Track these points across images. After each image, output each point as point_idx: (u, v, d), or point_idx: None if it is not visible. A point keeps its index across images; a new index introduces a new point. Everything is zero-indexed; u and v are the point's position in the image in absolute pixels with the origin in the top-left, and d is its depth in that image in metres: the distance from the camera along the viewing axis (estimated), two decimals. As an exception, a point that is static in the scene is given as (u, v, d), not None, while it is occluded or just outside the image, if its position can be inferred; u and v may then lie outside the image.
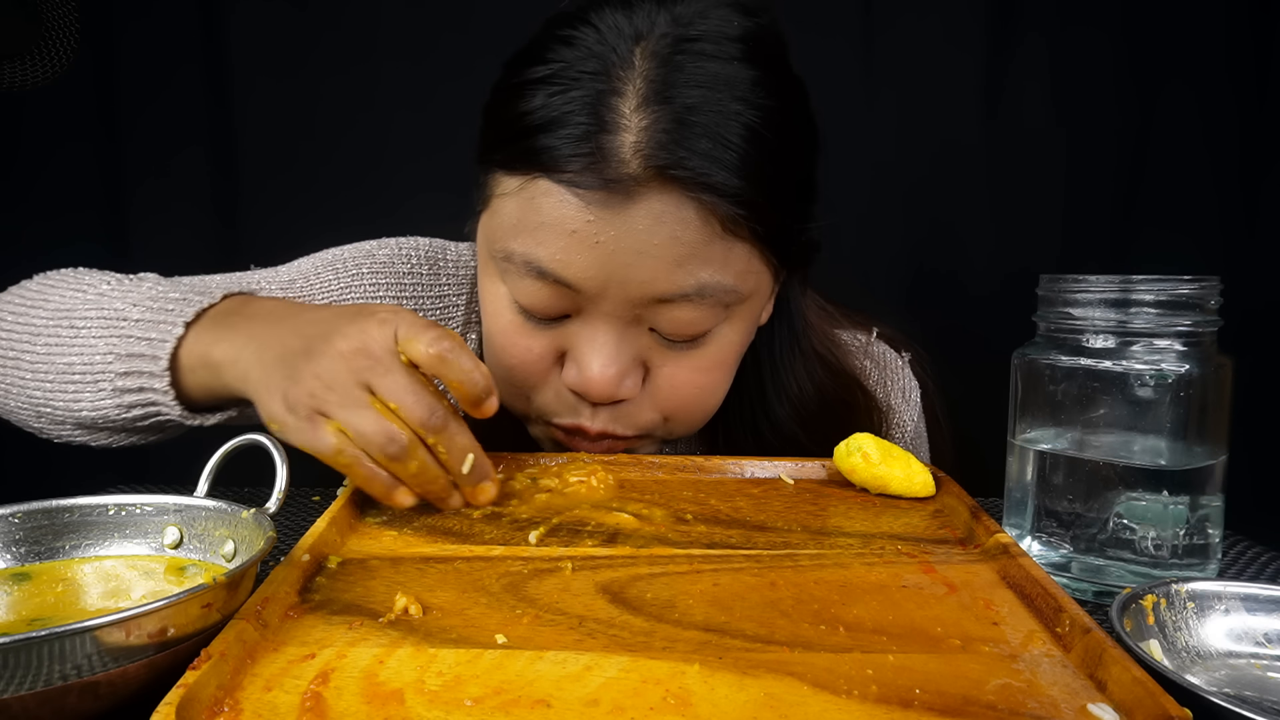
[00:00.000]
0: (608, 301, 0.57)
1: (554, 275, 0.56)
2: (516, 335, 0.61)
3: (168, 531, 0.52)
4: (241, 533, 0.50)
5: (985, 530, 0.55)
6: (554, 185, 0.55)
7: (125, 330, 0.61)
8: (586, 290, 0.57)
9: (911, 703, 0.37)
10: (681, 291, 0.56)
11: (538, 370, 0.62)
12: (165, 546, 0.52)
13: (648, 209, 0.54)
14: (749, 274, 0.59)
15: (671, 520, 0.59)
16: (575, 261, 0.56)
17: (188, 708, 0.34)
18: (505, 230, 0.59)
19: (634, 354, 0.59)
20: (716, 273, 0.56)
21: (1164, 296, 0.57)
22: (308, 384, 0.52)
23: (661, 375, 0.61)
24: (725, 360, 0.62)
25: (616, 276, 0.55)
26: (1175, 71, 1.21)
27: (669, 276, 0.55)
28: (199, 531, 0.52)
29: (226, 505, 0.51)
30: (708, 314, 0.58)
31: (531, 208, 0.56)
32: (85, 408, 0.63)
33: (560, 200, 0.55)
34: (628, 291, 0.56)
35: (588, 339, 0.59)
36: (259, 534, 0.48)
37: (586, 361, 0.59)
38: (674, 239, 0.55)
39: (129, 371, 0.60)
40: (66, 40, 1.25)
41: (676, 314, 0.57)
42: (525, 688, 0.37)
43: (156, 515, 0.52)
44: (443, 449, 0.53)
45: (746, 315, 0.62)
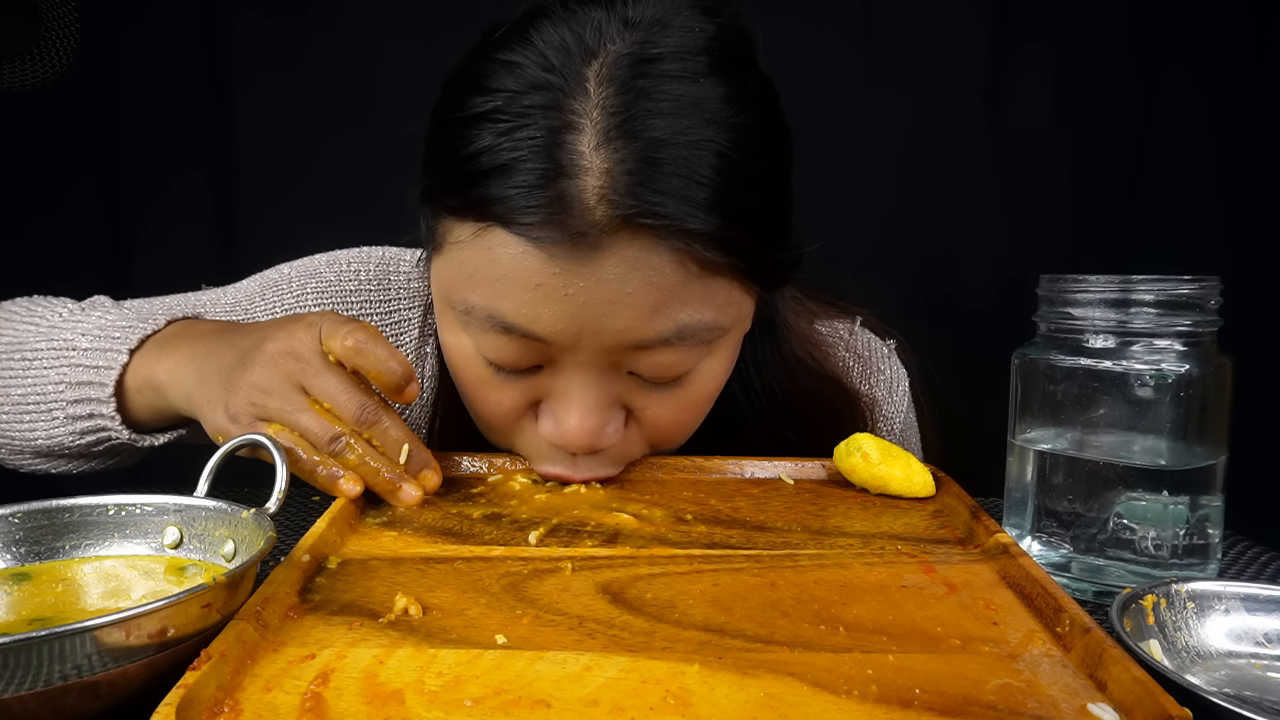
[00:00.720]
0: (582, 352, 0.53)
1: (521, 330, 0.52)
2: (485, 389, 0.58)
3: (168, 531, 0.52)
4: (241, 533, 0.50)
5: (985, 530, 0.55)
6: (512, 237, 0.49)
7: (74, 360, 0.63)
8: (558, 343, 0.52)
9: (911, 703, 0.37)
10: (661, 337, 0.52)
11: (511, 422, 0.60)
12: (165, 546, 0.52)
13: (618, 258, 0.49)
14: (729, 306, 0.55)
15: (671, 520, 0.59)
16: (543, 315, 0.51)
17: (188, 708, 0.34)
18: (462, 282, 0.53)
19: (613, 399, 0.56)
20: (696, 312, 0.52)
21: (1164, 296, 0.57)
22: (245, 393, 0.55)
23: (646, 416, 0.58)
24: (710, 392, 0.60)
25: (590, 328, 0.51)
26: (1175, 71, 1.21)
27: (647, 324, 0.51)
28: (199, 531, 0.52)
29: (226, 505, 0.51)
30: (689, 354, 0.54)
31: (490, 259, 0.51)
32: (40, 437, 0.65)
33: (520, 252, 0.49)
34: (602, 341, 0.52)
35: (562, 391, 0.55)
36: (259, 534, 0.48)
37: (563, 415, 0.55)
38: (649, 285, 0.50)
39: (79, 399, 0.63)
40: (66, 40, 1.25)
41: (656, 359, 0.53)
42: (525, 688, 0.37)
43: (156, 515, 0.52)
44: (378, 443, 0.56)
45: (729, 345, 0.59)
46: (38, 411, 0.64)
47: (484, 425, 0.62)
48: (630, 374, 0.56)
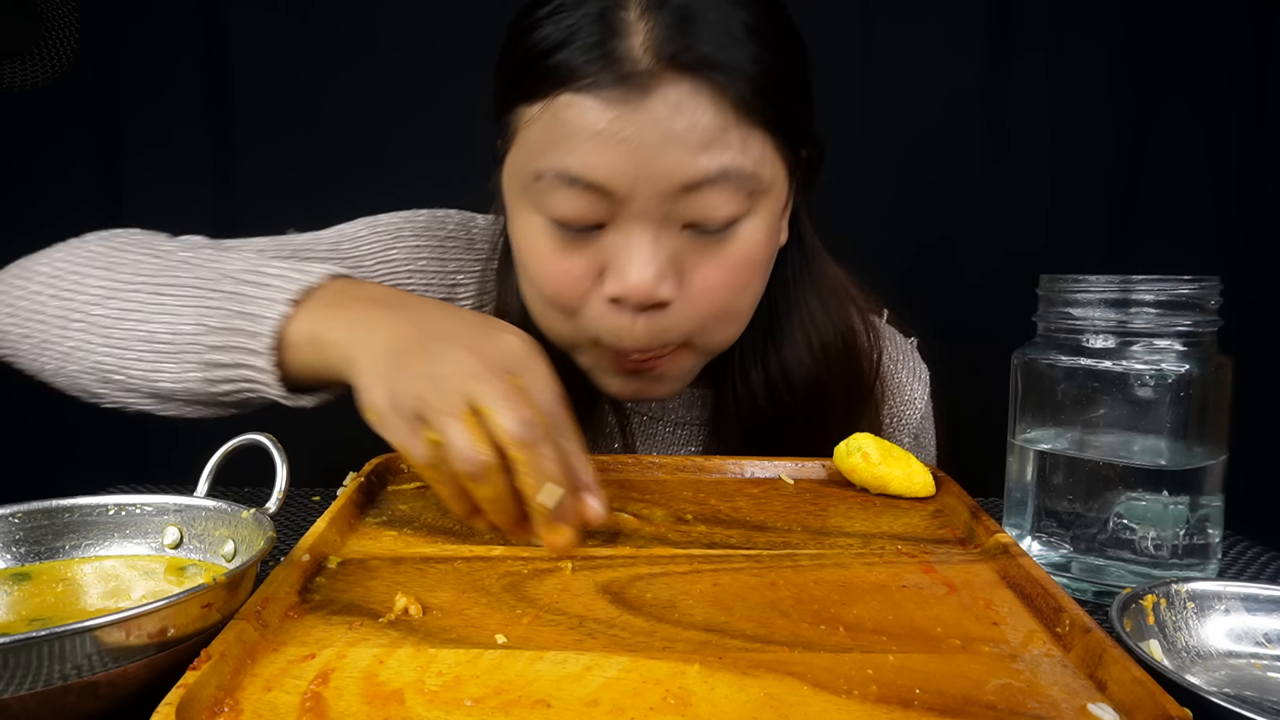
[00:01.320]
0: (639, 200, 0.58)
1: (585, 180, 0.58)
2: (554, 260, 0.61)
3: (168, 531, 0.52)
4: (241, 533, 0.50)
5: (985, 530, 0.55)
6: (574, 96, 0.57)
7: (215, 302, 0.58)
8: (618, 189, 0.58)
9: (911, 703, 0.37)
10: (706, 175, 0.57)
11: (578, 291, 0.62)
12: (165, 546, 0.52)
13: (664, 99, 0.56)
14: (766, 162, 0.60)
15: (671, 520, 0.59)
16: (603, 162, 0.57)
17: (188, 708, 0.34)
18: (533, 153, 0.60)
19: (669, 256, 0.60)
20: (737, 157, 0.58)
21: (1164, 296, 0.57)
22: (414, 383, 0.49)
23: (696, 277, 0.61)
24: (753, 258, 0.63)
25: (645, 170, 0.57)
26: (1174, 82, 1.21)
27: (694, 162, 0.57)
28: (199, 531, 0.52)
29: (226, 505, 0.51)
30: (733, 199, 0.59)
31: (555, 123, 0.58)
32: (165, 379, 0.59)
33: (581, 108, 0.57)
34: (656, 184, 0.57)
35: (624, 246, 0.59)
36: (259, 534, 0.48)
37: (624, 268, 0.59)
38: (693, 125, 0.57)
39: (223, 346, 0.57)
40: (66, 40, 1.25)
41: (704, 201, 0.58)
42: (525, 688, 0.37)
43: (156, 515, 0.52)
44: (523, 469, 0.47)
45: (768, 211, 0.63)
46: (167, 352, 0.58)
47: (552, 305, 0.64)
48: (683, 229, 0.60)
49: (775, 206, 0.64)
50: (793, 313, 0.72)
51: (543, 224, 0.61)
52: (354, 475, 0.64)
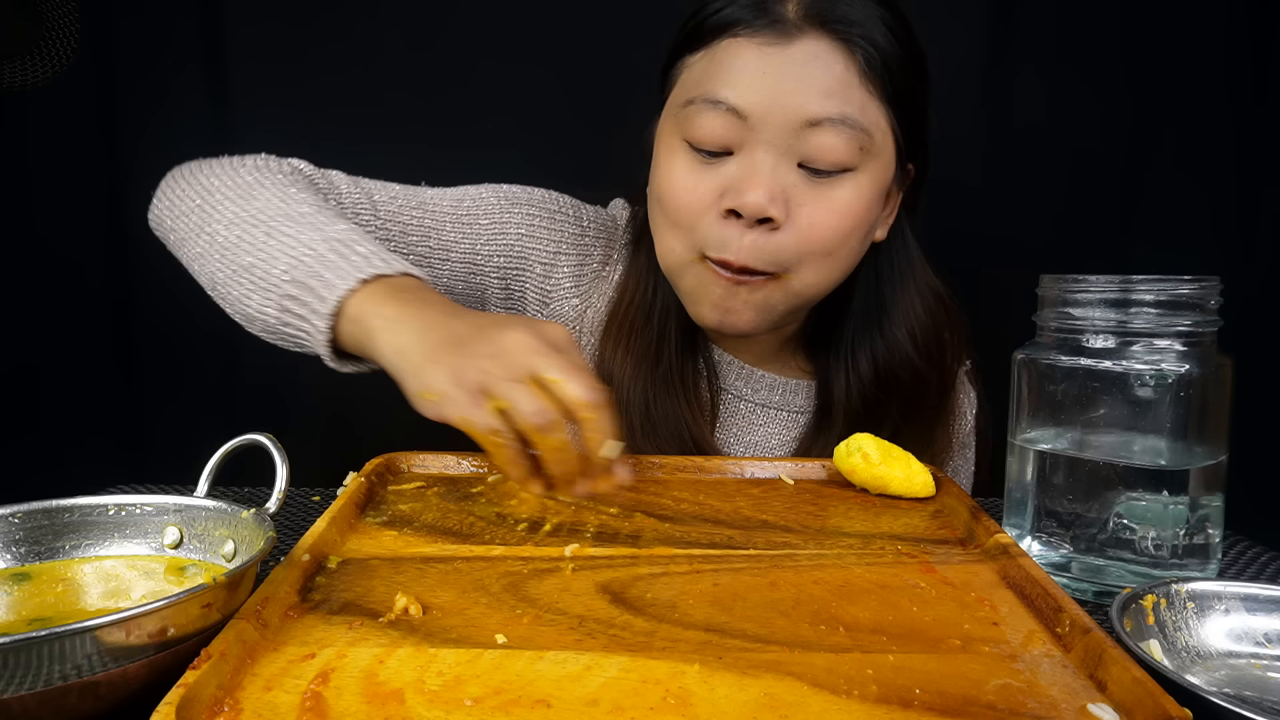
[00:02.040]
0: (767, 129, 0.67)
1: (728, 103, 0.67)
2: (686, 178, 0.70)
3: (168, 531, 0.52)
4: (241, 533, 0.50)
5: (985, 530, 0.55)
6: (732, 40, 0.68)
7: (307, 259, 0.64)
8: (752, 115, 0.67)
9: (911, 703, 0.37)
10: (827, 115, 0.66)
11: (701, 207, 0.70)
12: (165, 546, 0.52)
13: (804, 48, 0.66)
14: (879, 128, 0.69)
15: (672, 520, 0.59)
16: (746, 90, 0.67)
17: (188, 708, 0.34)
18: (689, 88, 0.70)
19: (782, 185, 0.68)
20: (855, 110, 0.67)
21: (1164, 296, 0.57)
22: (479, 361, 0.55)
23: (803, 213, 0.69)
24: (855, 209, 0.69)
25: (778, 101, 0.66)
26: (1174, 82, 1.21)
27: (819, 102, 0.66)
28: (199, 531, 0.52)
29: (226, 505, 0.51)
30: (846, 146, 0.67)
31: (714, 62, 0.69)
32: (252, 306, 0.67)
33: (738, 48, 0.68)
34: (786, 115, 0.66)
35: (747, 168, 0.68)
36: (259, 534, 0.48)
37: (743, 186, 0.67)
38: (825, 72, 0.66)
39: (296, 296, 0.64)
40: (66, 40, 1.25)
41: (821, 139, 0.67)
42: (525, 688, 0.37)
43: (156, 515, 0.52)
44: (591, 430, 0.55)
45: (874, 175, 0.70)
46: (258, 285, 0.66)
47: (677, 219, 0.71)
48: (798, 168, 0.68)
49: (881, 175, 0.71)
50: (897, 304, 0.78)
51: (683, 148, 0.71)
52: (354, 475, 0.65)
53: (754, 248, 0.68)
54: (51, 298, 1.30)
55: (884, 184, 0.72)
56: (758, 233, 0.68)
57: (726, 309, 0.72)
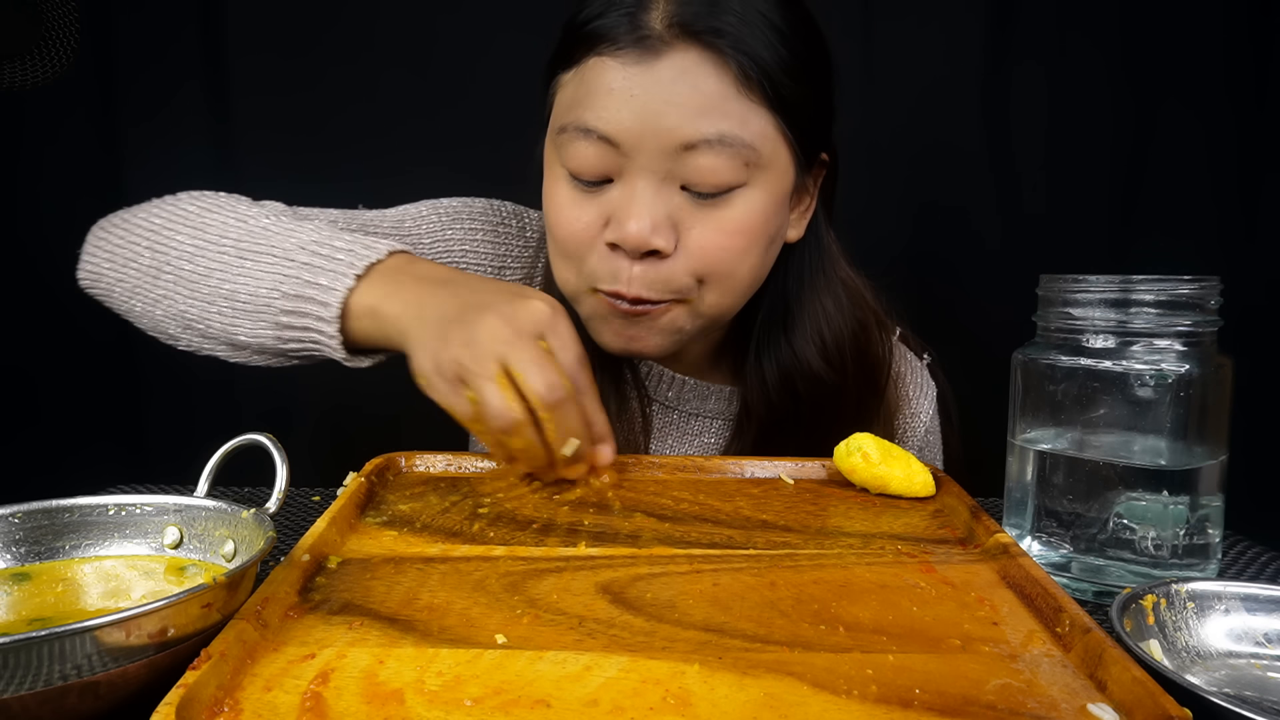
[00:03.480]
0: (642, 155, 0.63)
1: (598, 131, 0.64)
2: (569, 208, 0.67)
3: (168, 531, 0.52)
4: (241, 533, 0.50)
5: (985, 530, 0.55)
6: (599, 59, 0.64)
7: (291, 271, 0.64)
8: (624, 143, 0.63)
9: (911, 703, 0.37)
10: (704, 137, 0.62)
11: (586, 237, 0.67)
12: (165, 546, 0.52)
13: (672, 64, 0.62)
14: (766, 139, 0.65)
15: (671, 520, 0.59)
16: (615, 116, 0.63)
17: (188, 708, 0.34)
18: (562, 111, 0.67)
19: (666, 211, 0.65)
20: (735, 127, 0.63)
21: (1164, 296, 0.57)
22: (455, 350, 0.57)
23: (692, 236, 0.66)
24: (750, 226, 0.66)
25: (650, 126, 0.63)
26: (1173, 80, 1.21)
27: (693, 123, 0.62)
28: (199, 531, 0.52)
29: (226, 505, 0.51)
30: (729, 165, 0.64)
31: (582, 84, 0.65)
32: (241, 333, 0.66)
33: (603, 69, 0.64)
34: (659, 140, 0.63)
35: (626, 197, 0.65)
36: (259, 534, 0.48)
37: (624, 216, 0.64)
38: (696, 90, 0.62)
39: (294, 310, 0.63)
40: (66, 40, 1.25)
41: (701, 161, 0.63)
42: (525, 688, 0.37)
43: (156, 515, 0.52)
44: (550, 429, 0.57)
45: (768, 187, 0.67)
46: (244, 310, 0.65)
47: (564, 250, 0.70)
48: (682, 190, 0.65)
49: (777, 186, 0.67)
50: (804, 307, 0.75)
51: (564, 176, 0.68)
52: (354, 475, 0.64)
53: (644, 279, 0.66)
54: (51, 298, 1.30)
55: (782, 192, 0.68)
56: (647, 264, 0.65)
57: (630, 337, 0.69)
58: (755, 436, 0.77)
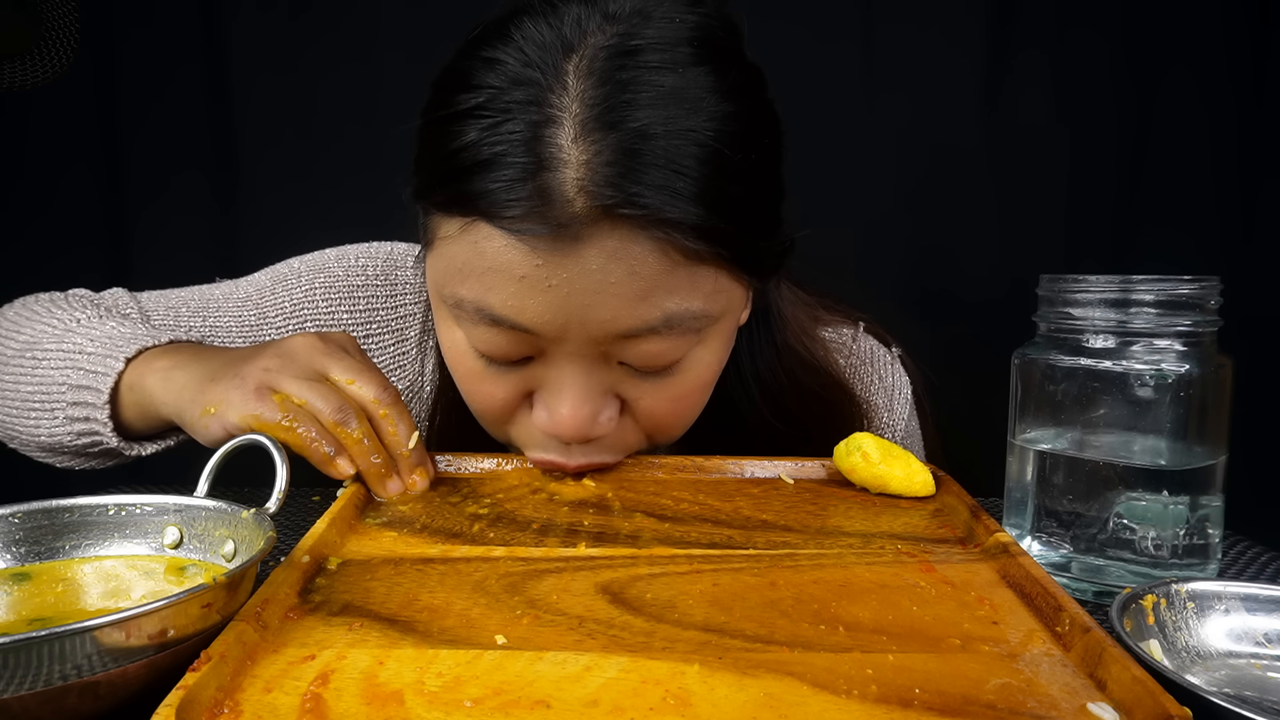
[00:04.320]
0: (570, 343, 0.53)
1: (509, 321, 0.52)
2: (479, 382, 0.58)
3: (168, 531, 0.52)
4: (241, 533, 0.50)
5: (985, 530, 0.55)
6: (496, 230, 0.50)
7: (80, 363, 0.65)
8: (545, 334, 0.53)
9: (911, 703, 0.37)
10: (648, 326, 0.52)
11: (505, 413, 0.60)
12: (165, 546, 0.52)
13: (600, 248, 0.49)
14: (718, 295, 0.54)
15: (671, 520, 0.59)
16: (529, 307, 0.51)
17: (188, 709, 0.34)
18: (451, 276, 0.54)
19: (605, 389, 0.56)
20: (683, 300, 0.52)
21: (1164, 296, 0.57)
22: (265, 362, 0.56)
23: (640, 406, 0.58)
24: (703, 382, 0.59)
25: (575, 317, 0.51)
26: (1175, 70, 1.21)
27: (632, 312, 0.51)
28: (199, 531, 0.52)
29: (226, 505, 0.51)
30: (678, 343, 0.54)
31: (475, 252, 0.51)
32: (43, 434, 0.67)
33: (504, 245, 0.50)
34: (589, 331, 0.52)
35: (554, 381, 0.55)
36: (259, 534, 0.48)
37: (555, 405, 0.55)
38: (632, 274, 0.50)
39: (77, 402, 0.65)
40: (66, 40, 1.25)
41: (645, 348, 0.53)
42: (525, 688, 0.37)
43: (156, 515, 0.52)
44: (390, 426, 0.57)
45: (721, 334, 0.58)
46: (42, 410, 0.66)
47: (480, 417, 0.62)
48: (621, 364, 0.56)
49: (729, 326, 0.59)
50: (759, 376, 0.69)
51: (465, 343, 0.57)
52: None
53: (587, 457, 0.59)
54: (51, 298, 1.30)
55: (735, 327, 0.60)
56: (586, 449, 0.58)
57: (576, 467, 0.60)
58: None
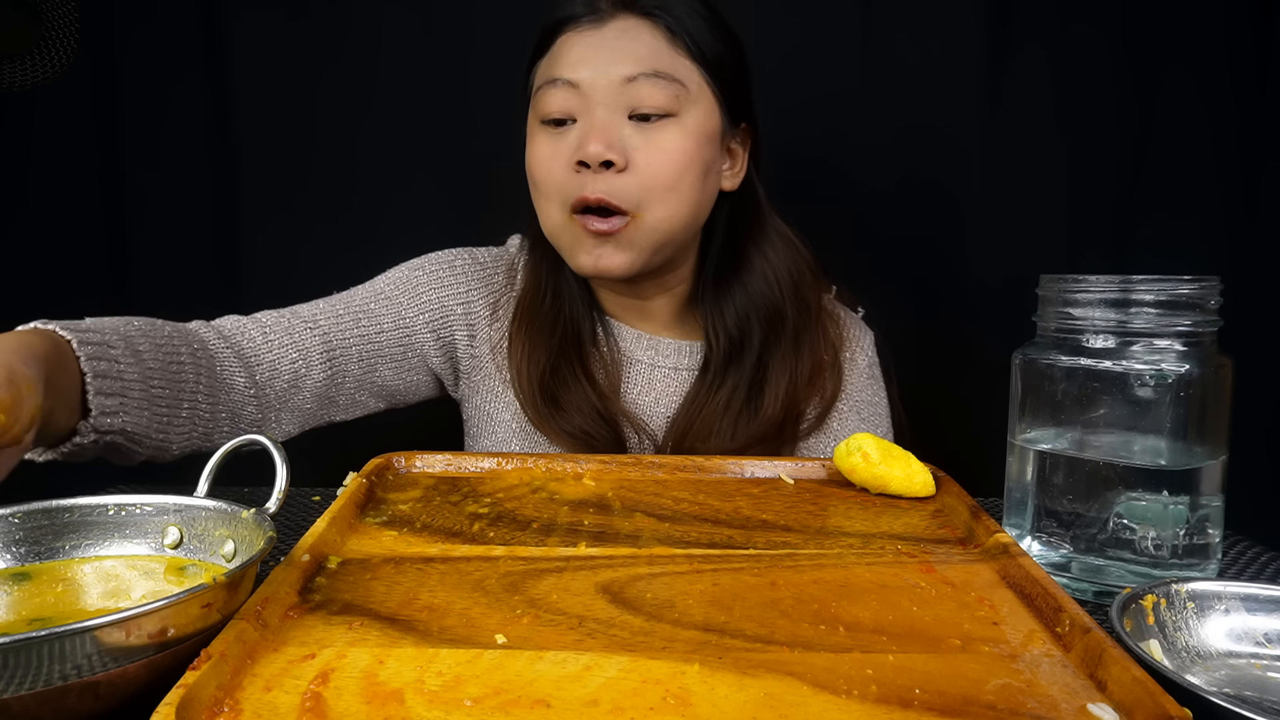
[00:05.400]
0: (597, 91, 0.80)
1: (563, 79, 0.81)
2: (543, 149, 0.82)
3: (168, 531, 0.52)
4: (241, 533, 0.50)
5: (985, 530, 0.55)
6: (563, 36, 0.83)
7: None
8: (583, 83, 0.80)
9: (911, 703, 0.37)
10: (641, 71, 0.80)
11: (559, 168, 0.81)
12: (165, 546, 0.52)
13: (616, 26, 0.81)
14: (691, 80, 0.82)
15: (671, 520, 0.59)
16: (576, 66, 0.81)
17: (188, 708, 0.34)
18: (538, 81, 0.84)
19: (617, 135, 0.80)
20: (666, 66, 0.81)
21: (1164, 296, 0.57)
22: None
23: (638, 157, 0.80)
24: (683, 148, 0.81)
25: (601, 69, 0.80)
26: (1176, 67, 1.21)
27: (633, 64, 0.80)
28: (199, 531, 0.52)
29: (226, 505, 0.51)
30: (664, 94, 0.80)
31: (553, 57, 0.83)
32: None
33: (566, 41, 0.82)
34: (609, 78, 0.80)
35: (586, 126, 0.80)
36: (259, 534, 0.48)
37: (585, 139, 0.79)
38: (636, 41, 0.81)
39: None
40: (66, 40, 1.25)
41: (640, 90, 0.80)
42: (525, 688, 0.37)
43: (156, 515, 0.52)
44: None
45: (697, 119, 0.82)
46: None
47: (544, 189, 0.83)
48: (628, 120, 0.80)
49: (703, 121, 0.83)
50: (749, 255, 0.90)
51: (540, 129, 0.83)
52: (354, 475, 0.64)
53: (606, 187, 0.79)
54: (50, 298, 1.30)
55: (708, 129, 0.83)
56: (605, 176, 0.79)
57: (598, 255, 0.82)
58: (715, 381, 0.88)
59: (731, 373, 0.87)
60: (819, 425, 0.89)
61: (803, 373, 0.88)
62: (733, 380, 0.86)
